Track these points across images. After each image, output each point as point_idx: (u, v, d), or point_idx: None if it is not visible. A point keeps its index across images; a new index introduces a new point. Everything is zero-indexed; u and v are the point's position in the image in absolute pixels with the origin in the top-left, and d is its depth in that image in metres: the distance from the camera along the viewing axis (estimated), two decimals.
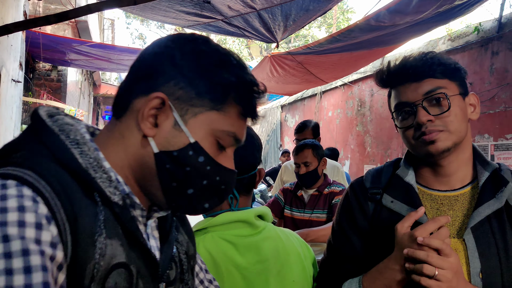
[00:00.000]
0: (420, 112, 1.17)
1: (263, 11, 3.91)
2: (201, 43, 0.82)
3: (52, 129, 0.75)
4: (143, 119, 0.77)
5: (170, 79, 0.78)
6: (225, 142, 0.81)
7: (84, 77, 11.46)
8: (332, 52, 5.41)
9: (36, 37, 5.53)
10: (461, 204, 1.22)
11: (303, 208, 3.11)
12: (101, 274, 0.67)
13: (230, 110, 0.80)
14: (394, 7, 3.89)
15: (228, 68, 0.80)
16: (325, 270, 1.36)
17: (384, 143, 7.80)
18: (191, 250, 0.97)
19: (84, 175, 0.71)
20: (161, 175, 0.78)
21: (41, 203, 0.62)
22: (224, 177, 0.82)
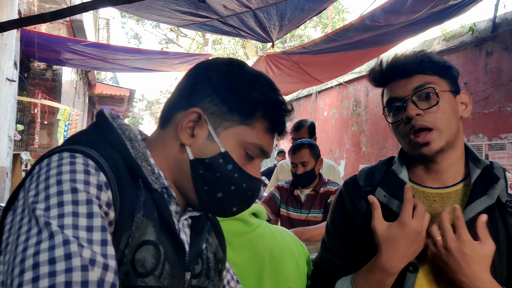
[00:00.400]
0: (409, 106, 1.19)
1: (259, 11, 3.91)
2: (235, 66, 0.95)
3: (112, 124, 0.90)
4: (181, 130, 0.90)
5: (207, 97, 0.91)
6: (252, 153, 0.92)
7: (79, 77, 11.42)
8: (327, 52, 5.42)
9: (31, 36, 5.50)
10: (453, 201, 1.22)
11: (300, 208, 3.09)
12: (133, 244, 0.79)
13: (258, 125, 0.91)
14: (389, 7, 3.91)
15: (257, 87, 0.92)
16: (319, 268, 1.36)
17: (379, 143, 7.82)
18: (220, 254, 1.06)
19: (133, 162, 0.85)
20: (195, 179, 0.90)
21: (101, 173, 0.77)
22: (251, 184, 0.93)
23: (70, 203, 0.70)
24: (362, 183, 1.34)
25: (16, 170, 6.46)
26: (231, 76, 0.92)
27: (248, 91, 0.91)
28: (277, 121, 0.93)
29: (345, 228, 1.32)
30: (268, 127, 0.92)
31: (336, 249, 1.32)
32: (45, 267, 0.63)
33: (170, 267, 0.85)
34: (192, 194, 0.92)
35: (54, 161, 0.76)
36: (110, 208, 0.76)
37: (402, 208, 1.14)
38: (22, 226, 0.69)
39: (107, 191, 0.76)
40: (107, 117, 0.91)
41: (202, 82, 0.93)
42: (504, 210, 1.17)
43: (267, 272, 1.27)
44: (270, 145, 0.95)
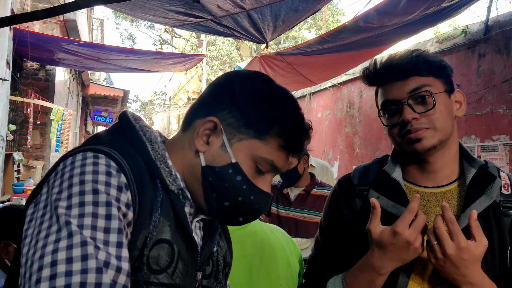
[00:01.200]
0: (406, 110, 1.18)
1: (253, 11, 3.91)
2: (260, 81, 0.97)
3: (135, 126, 0.93)
4: (197, 136, 0.93)
5: (226, 108, 0.94)
6: (263, 167, 0.93)
7: (73, 77, 11.36)
8: (321, 53, 5.43)
9: (24, 36, 5.47)
10: (448, 201, 1.22)
11: (288, 206, 3.11)
12: (151, 243, 0.82)
13: (271, 141, 0.92)
14: (383, 8, 3.92)
15: (277, 105, 0.93)
16: (313, 266, 1.36)
17: (372, 144, 7.85)
18: (228, 258, 1.09)
19: (152, 164, 0.88)
20: (204, 185, 0.92)
21: (122, 174, 0.80)
22: (259, 197, 0.94)
23: (90, 204, 0.73)
24: (357, 182, 1.33)
25: (8, 170, 6.42)
26: (253, 90, 0.94)
27: (266, 107, 0.92)
28: (292, 140, 0.94)
29: (339, 226, 1.31)
30: (282, 144, 0.93)
31: (330, 248, 1.32)
32: (62, 266, 0.66)
33: (183, 266, 0.88)
34: (202, 199, 0.94)
35: (78, 160, 0.79)
36: (129, 209, 0.79)
37: (400, 216, 1.12)
38: (44, 222, 0.72)
39: (127, 192, 0.80)
40: (130, 118, 0.95)
41: (224, 93, 0.95)
42: (498, 209, 1.17)
43: (257, 269, 1.26)
44: (283, 162, 0.96)
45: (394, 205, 1.22)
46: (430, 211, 1.22)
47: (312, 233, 2.92)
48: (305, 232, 2.95)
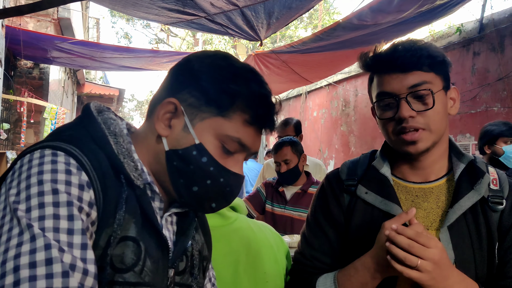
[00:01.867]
0: (403, 106, 1.13)
1: (246, 9, 3.90)
2: (219, 58, 0.93)
3: (96, 119, 0.88)
4: (158, 121, 0.90)
5: (185, 88, 0.90)
6: (230, 147, 0.89)
7: (68, 76, 11.31)
8: (316, 51, 5.41)
9: (17, 34, 5.42)
10: (436, 196, 1.21)
11: (284, 204, 3.08)
12: (115, 242, 0.79)
13: (235, 117, 0.88)
14: (376, 5, 3.91)
15: (239, 79, 0.89)
16: (300, 263, 1.33)
17: (368, 143, 7.84)
18: (205, 252, 1.05)
19: (115, 159, 0.84)
20: (170, 171, 0.89)
21: (83, 172, 0.76)
22: (229, 179, 0.89)
23: (51, 205, 0.70)
24: (345, 177, 1.31)
25: (2, 169, 6.38)
26: (212, 67, 0.90)
27: (227, 82, 0.88)
28: (258, 113, 0.89)
29: (327, 222, 1.30)
30: (247, 119, 0.88)
31: (318, 244, 1.30)
32: (26, 271, 0.63)
33: (153, 264, 0.84)
34: (170, 187, 0.90)
35: (35, 158, 0.75)
36: (93, 208, 0.76)
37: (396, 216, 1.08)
38: (4, 225, 0.69)
39: (89, 191, 0.76)
40: (92, 111, 0.90)
41: (183, 73, 0.92)
42: (486, 205, 1.15)
43: (243, 266, 1.25)
44: (252, 139, 0.91)
45: (382, 200, 1.20)
46: (419, 207, 1.20)
47: None
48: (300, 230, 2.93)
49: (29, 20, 7.62)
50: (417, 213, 1.19)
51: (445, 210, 1.18)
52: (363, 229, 1.22)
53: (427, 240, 0.99)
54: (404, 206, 1.21)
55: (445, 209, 1.19)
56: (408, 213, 1.06)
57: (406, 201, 1.22)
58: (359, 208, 1.24)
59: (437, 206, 1.20)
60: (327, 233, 1.29)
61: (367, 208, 1.23)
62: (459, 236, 1.13)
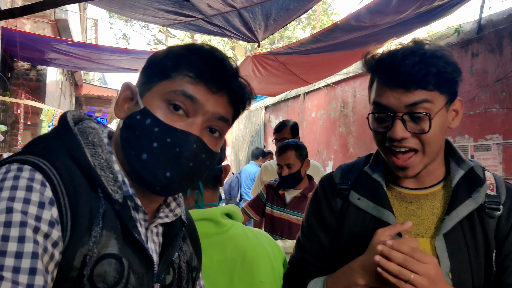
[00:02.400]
0: (397, 126, 1.07)
1: (243, 10, 3.87)
2: (178, 45, 0.93)
3: (72, 130, 0.84)
4: (117, 107, 0.89)
5: (140, 74, 0.91)
6: (178, 101, 0.85)
7: (65, 77, 11.28)
8: (314, 53, 5.39)
9: (13, 35, 5.40)
10: (431, 203, 1.18)
11: (283, 207, 3.06)
12: (93, 261, 0.74)
13: (179, 77, 0.86)
14: (374, 6, 3.89)
15: (183, 47, 0.90)
16: (294, 266, 1.33)
17: (366, 144, 7.82)
18: (194, 262, 1.01)
19: (91, 172, 0.80)
20: (122, 146, 0.86)
21: (48, 188, 0.72)
22: (176, 138, 0.83)
23: (1, 225, 0.66)
24: (338, 181, 1.29)
25: None
26: (167, 50, 0.92)
27: (170, 52, 0.90)
28: (201, 68, 0.86)
29: (319, 226, 1.28)
30: (192, 76, 0.86)
31: (310, 248, 1.28)
32: None
33: (137, 280, 0.81)
34: (128, 166, 0.86)
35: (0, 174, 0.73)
36: (54, 227, 0.71)
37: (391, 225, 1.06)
38: None
39: (51, 209, 0.71)
40: (68, 121, 0.86)
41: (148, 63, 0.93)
42: (483, 211, 1.12)
43: (238, 275, 1.22)
44: (201, 94, 0.86)
45: (374, 206, 1.18)
46: (413, 214, 1.17)
47: None
48: None
49: (26, 21, 7.59)
50: (411, 220, 1.16)
51: (441, 217, 1.15)
52: (354, 234, 1.20)
53: (423, 256, 0.97)
54: (397, 212, 1.18)
55: (440, 216, 1.16)
56: (404, 225, 1.04)
57: (399, 207, 1.19)
58: (351, 213, 1.22)
59: (432, 213, 1.17)
60: (320, 237, 1.27)
61: (359, 213, 1.21)
62: (455, 244, 1.11)
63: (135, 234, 0.81)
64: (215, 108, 0.87)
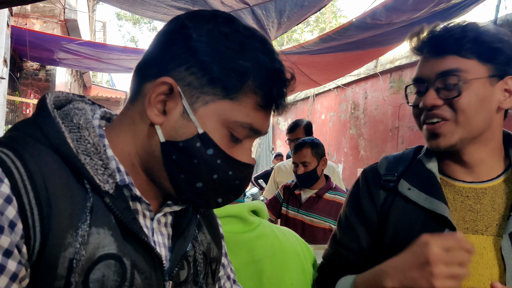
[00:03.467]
0: (429, 93, 1.03)
1: (257, 7, 3.80)
2: (221, 22, 0.74)
3: (50, 113, 0.71)
4: (149, 105, 0.73)
5: (182, 63, 0.72)
6: (240, 134, 0.75)
7: (74, 78, 11.28)
8: (326, 52, 5.31)
9: (22, 34, 5.36)
10: (491, 198, 1.06)
11: (298, 207, 2.97)
12: (84, 264, 0.64)
13: (246, 100, 0.73)
14: (391, 4, 3.80)
15: (247, 52, 0.73)
16: (327, 259, 1.24)
17: (378, 146, 7.71)
18: (214, 253, 0.90)
19: (73, 160, 0.68)
20: (167, 166, 0.74)
21: (5, 184, 0.60)
22: (238, 171, 0.76)
23: None
24: (383, 172, 1.19)
25: None
26: (214, 36, 0.72)
27: (234, 57, 0.72)
28: (272, 94, 0.74)
29: (359, 220, 1.18)
30: (259, 102, 0.74)
31: (346, 242, 1.19)
32: None
33: (144, 280, 0.71)
34: (167, 183, 0.76)
35: None
36: (4, 232, 0.59)
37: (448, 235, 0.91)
38: None
39: (9, 205, 0.60)
40: (46, 104, 0.73)
41: (177, 44, 0.73)
42: None
43: (267, 277, 1.13)
44: (263, 122, 0.77)
45: (427, 198, 1.07)
46: (470, 209, 1.06)
47: (318, 239, 2.79)
48: (310, 237, 2.80)
49: (36, 21, 7.58)
50: (468, 215, 1.06)
51: (504, 214, 1.04)
52: (401, 228, 1.09)
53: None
54: (451, 207, 1.07)
55: (503, 213, 1.04)
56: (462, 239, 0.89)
57: (454, 201, 1.08)
58: (398, 205, 1.11)
59: (493, 208, 1.05)
60: (358, 231, 1.17)
61: (407, 205, 1.10)
62: None
63: (133, 228, 0.71)
64: (267, 130, 0.80)
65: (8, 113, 6.68)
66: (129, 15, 21.61)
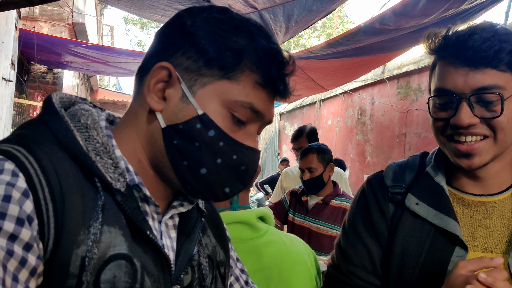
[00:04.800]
0: (463, 110, 0.93)
1: (265, 11, 3.78)
2: (216, 11, 0.75)
3: (58, 112, 0.71)
4: (149, 92, 0.73)
5: (179, 49, 0.73)
6: (242, 115, 0.73)
7: (81, 82, 11.32)
8: (333, 57, 5.29)
9: (30, 37, 5.38)
10: (500, 213, 1.01)
11: (304, 214, 2.93)
12: (95, 264, 0.62)
13: (244, 79, 0.72)
14: (400, 9, 3.77)
15: (242, 33, 0.73)
16: (334, 279, 1.15)
17: (384, 153, 7.66)
18: (220, 256, 0.89)
19: (83, 158, 0.67)
20: (169, 152, 0.73)
21: (21, 178, 0.59)
22: (243, 155, 0.74)
23: None
24: (390, 183, 1.12)
25: None
26: (209, 22, 0.73)
27: (229, 37, 0.72)
28: (270, 73, 0.73)
29: (368, 232, 1.11)
30: (258, 80, 0.73)
31: (357, 259, 1.11)
32: None
33: (153, 284, 0.69)
34: (171, 173, 0.74)
35: None
36: (24, 226, 0.58)
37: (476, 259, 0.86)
38: None
39: (25, 201, 0.58)
40: (53, 103, 0.73)
41: (173, 32, 0.74)
42: None
43: (276, 284, 1.10)
44: (265, 104, 0.75)
45: (436, 214, 1.02)
46: (479, 225, 1.02)
47: (324, 247, 2.75)
48: (317, 244, 2.76)
49: (44, 24, 7.62)
50: (477, 231, 1.01)
51: None
52: (409, 246, 1.04)
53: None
54: (461, 222, 1.02)
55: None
56: (494, 261, 0.84)
57: (463, 216, 1.04)
58: (406, 221, 1.06)
59: (502, 224, 1.00)
60: (369, 246, 1.10)
61: (416, 221, 1.05)
62: None
63: (143, 229, 0.69)
64: (271, 116, 0.78)
65: (15, 115, 6.70)
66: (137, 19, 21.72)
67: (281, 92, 0.76)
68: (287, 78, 0.76)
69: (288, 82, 0.77)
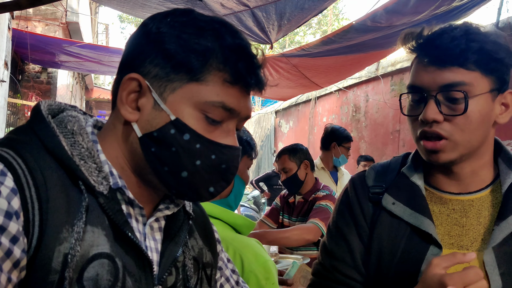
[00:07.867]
0: (429, 106, 0.96)
1: (257, 9, 3.80)
2: (179, 15, 0.76)
3: (45, 119, 0.74)
4: (122, 104, 0.75)
5: (146, 57, 0.74)
6: (215, 115, 0.74)
7: (76, 81, 11.30)
8: (327, 55, 5.30)
9: (24, 37, 5.38)
10: (477, 210, 1.03)
11: (290, 214, 3.02)
12: (78, 261, 0.65)
13: (212, 79, 0.73)
14: (391, 6, 3.80)
15: (206, 33, 0.74)
16: (321, 276, 1.18)
17: (379, 149, 7.69)
18: (207, 258, 0.91)
19: (68, 163, 0.70)
20: (149, 159, 0.75)
21: (9, 177, 0.63)
22: (222, 154, 0.75)
23: None
24: (371, 183, 1.14)
25: None
26: (172, 26, 0.73)
27: (192, 39, 0.72)
28: (238, 69, 0.73)
29: (350, 230, 1.13)
30: (227, 78, 0.73)
31: (339, 254, 1.14)
32: None
33: (134, 283, 0.72)
34: (154, 178, 0.76)
35: None
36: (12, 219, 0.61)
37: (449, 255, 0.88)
38: None
39: (12, 198, 0.62)
40: (40, 110, 0.75)
41: (140, 42, 0.76)
42: None
43: None
44: (238, 100, 0.76)
45: (412, 213, 1.03)
46: (455, 223, 1.03)
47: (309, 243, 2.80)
48: None
49: (37, 24, 7.60)
50: (454, 229, 1.03)
51: (489, 227, 1.00)
52: (385, 245, 1.06)
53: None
54: (437, 221, 1.04)
55: (488, 226, 1.01)
56: (466, 256, 0.87)
57: (440, 215, 1.05)
58: (383, 220, 1.07)
59: (478, 222, 1.02)
60: (349, 241, 1.12)
61: (393, 221, 1.06)
62: (508, 259, 0.96)
63: (125, 231, 0.72)
64: (247, 111, 0.79)
65: (10, 115, 6.70)
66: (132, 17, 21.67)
67: (253, 86, 0.77)
68: (259, 71, 0.77)
69: (260, 75, 0.77)
